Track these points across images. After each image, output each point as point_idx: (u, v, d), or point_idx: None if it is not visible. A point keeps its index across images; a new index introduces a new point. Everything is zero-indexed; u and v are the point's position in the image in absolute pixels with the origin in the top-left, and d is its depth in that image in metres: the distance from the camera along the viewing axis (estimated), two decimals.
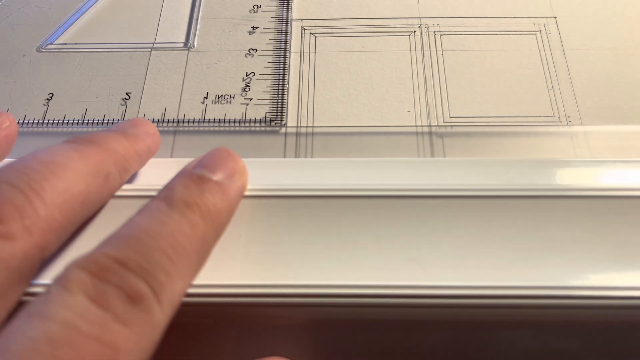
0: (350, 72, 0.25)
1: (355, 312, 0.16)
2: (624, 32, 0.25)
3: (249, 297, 0.15)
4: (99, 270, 0.13)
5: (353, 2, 0.27)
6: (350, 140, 0.23)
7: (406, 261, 0.16)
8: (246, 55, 0.25)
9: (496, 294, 0.15)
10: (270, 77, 0.25)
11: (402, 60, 0.25)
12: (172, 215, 0.15)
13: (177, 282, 0.14)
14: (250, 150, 0.23)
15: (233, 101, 0.24)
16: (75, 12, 0.27)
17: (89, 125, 0.23)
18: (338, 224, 0.17)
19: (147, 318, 0.13)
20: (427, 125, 0.23)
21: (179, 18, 0.27)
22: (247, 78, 0.25)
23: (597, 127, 0.23)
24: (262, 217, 0.17)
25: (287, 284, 0.16)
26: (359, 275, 0.16)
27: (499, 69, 0.25)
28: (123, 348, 0.12)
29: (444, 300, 0.16)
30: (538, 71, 0.24)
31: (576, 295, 0.15)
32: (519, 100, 0.24)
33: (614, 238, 0.17)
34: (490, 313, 0.16)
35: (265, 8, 0.27)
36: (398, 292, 0.16)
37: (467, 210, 0.17)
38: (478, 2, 0.27)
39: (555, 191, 0.18)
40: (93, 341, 0.12)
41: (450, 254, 0.16)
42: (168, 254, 0.14)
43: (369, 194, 0.17)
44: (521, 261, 0.16)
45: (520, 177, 0.18)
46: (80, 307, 0.12)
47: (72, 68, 0.25)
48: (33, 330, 0.12)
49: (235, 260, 0.16)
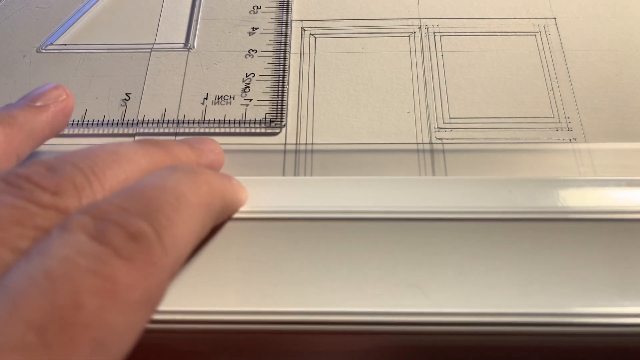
0: (350, 73, 0.25)
1: (355, 341, 0.16)
2: (624, 33, 0.25)
3: (244, 324, 0.15)
4: (100, 213, 0.13)
5: (353, 3, 0.27)
6: (350, 157, 0.23)
7: (408, 287, 0.16)
8: (246, 56, 0.25)
9: (499, 321, 0.15)
10: (270, 77, 0.25)
11: (402, 61, 0.25)
12: (176, 173, 0.15)
13: (181, 227, 0.14)
14: (249, 152, 0.23)
15: (233, 102, 0.24)
16: (75, 13, 0.27)
17: (88, 126, 0.23)
18: (337, 248, 0.16)
19: (148, 255, 0.13)
20: (428, 142, 0.23)
21: (178, 19, 0.27)
22: (247, 79, 0.25)
23: (601, 144, 0.23)
24: (259, 240, 0.17)
25: (283, 311, 0.15)
26: (359, 302, 0.15)
27: (499, 69, 0.25)
28: (123, 283, 0.12)
29: (447, 328, 0.15)
30: (538, 72, 0.24)
31: (581, 323, 0.15)
32: (518, 101, 0.24)
33: (620, 263, 0.16)
34: (492, 340, 0.16)
35: (265, 9, 0.27)
36: (399, 320, 0.15)
37: (470, 233, 0.17)
38: (478, 3, 0.27)
39: (560, 213, 0.17)
40: (91, 275, 0.12)
41: (453, 279, 0.16)
42: (171, 202, 0.14)
43: (368, 216, 0.17)
44: (525, 287, 0.16)
45: (524, 197, 0.18)
46: (79, 244, 0.12)
47: (72, 69, 0.25)
48: (31, 267, 0.12)
49: (231, 285, 0.16)
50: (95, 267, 0.12)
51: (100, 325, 0.11)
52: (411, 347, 0.16)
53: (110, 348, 0.12)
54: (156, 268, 0.13)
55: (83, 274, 0.12)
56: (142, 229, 0.13)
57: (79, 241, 0.12)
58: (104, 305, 0.12)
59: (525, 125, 0.23)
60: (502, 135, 0.23)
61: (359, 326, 0.15)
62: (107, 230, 0.12)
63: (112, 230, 0.13)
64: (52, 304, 0.11)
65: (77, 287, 0.11)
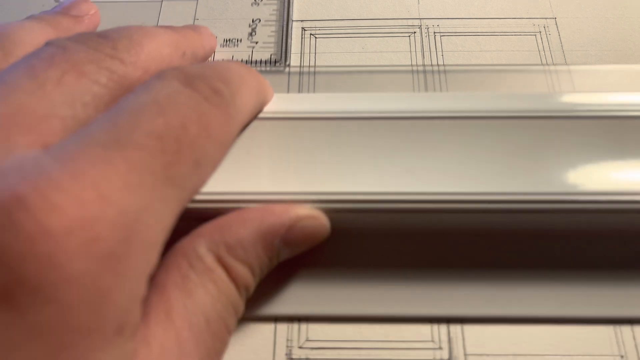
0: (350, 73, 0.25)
1: (353, 219, 0.18)
2: (624, 33, 0.26)
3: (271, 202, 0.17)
4: (187, 72, 0.16)
5: (353, 3, 0.27)
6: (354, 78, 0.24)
7: (402, 172, 0.18)
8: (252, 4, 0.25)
9: (484, 199, 0.17)
10: (276, 23, 0.25)
11: (402, 61, 0.25)
12: (235, 62, 0.18)
13: (244, 97, 0.17)
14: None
15: (240, 44, 0.26)
16: None
17: None
18: (338, 143, 0.19)
19: (227, 109, 0.16)
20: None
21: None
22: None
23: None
24: (267, 138, 0.19)
25: (304, 192, 0.18)
26: (354, 184, 0.18)
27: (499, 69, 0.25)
28: (212, 121, 0.15)
29: (434, 205, 0.18)
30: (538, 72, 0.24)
31: (565, 200, 0.17)
32: None
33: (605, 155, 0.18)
34: (478, 219, 0.18)
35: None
36: (393, 198, 0.18)
37: (461, 130, 0.19)
38: (478, 3, 0.27)
39: (547, 112, 0.19)
40: (190, 109, 0.15)
41: (443, 167, 0.18)
42: (236, 79, 0.17)
43: (367, 115, 0.19)
44: (512, 171, 0.18)
45: (513, 101, 0.20)
46: (175, 87, 0.15)
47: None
48: (142, 98, 0.14)
49: (262, 169, 0.18)
50: (193, 104, 0.15)
51: (199, 148, 0.14)
52: (408, 229, 0.19)
53: (203, 169, 0.15)
54: (233, 120, 0.16)
55: (184, 107, 0.14)
56: (222, 88, 0.16)
57: (175, 85, 0.15)
58: (201, 133, 0.15)
59: None
60: None
61: (355, 204, 0.18)
62: (196, 83, 0.15)
63: (200, 84, 0.15)
64: (166, 122, 0.14)
65: (182, 114, 0.14)
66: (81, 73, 0.15)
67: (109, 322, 0.12)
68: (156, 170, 0.13)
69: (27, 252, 0.11)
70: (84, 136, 0.13)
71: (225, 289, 0.15)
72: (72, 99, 0.14)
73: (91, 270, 0.11)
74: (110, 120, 0.14)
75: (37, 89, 0.14)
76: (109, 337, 0.12)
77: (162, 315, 0.14)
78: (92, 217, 0.12)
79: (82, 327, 0.11)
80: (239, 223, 0.16)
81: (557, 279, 0.19)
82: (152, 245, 0.13)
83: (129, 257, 0.12)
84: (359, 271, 0.19)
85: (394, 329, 0.19)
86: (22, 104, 0.14)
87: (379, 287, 0.19)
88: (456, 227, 0.19)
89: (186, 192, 0.14)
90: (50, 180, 0.12)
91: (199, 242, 0.16)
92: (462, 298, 0.19)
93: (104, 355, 0.12)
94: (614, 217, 0.18)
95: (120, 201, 0.12)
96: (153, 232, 0.13)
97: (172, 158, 0.14)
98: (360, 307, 0.19)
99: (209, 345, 0.15)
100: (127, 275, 0.12)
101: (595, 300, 0.19)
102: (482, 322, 0.19)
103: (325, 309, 0.19)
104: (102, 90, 0.15)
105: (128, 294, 0.12)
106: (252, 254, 0.16)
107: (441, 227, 0.19)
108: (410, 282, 0.19)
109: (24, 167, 0.12)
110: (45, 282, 0.11)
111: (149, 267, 0.13)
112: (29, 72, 0.14)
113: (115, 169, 0.12)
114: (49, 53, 0.15)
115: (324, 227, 0.18)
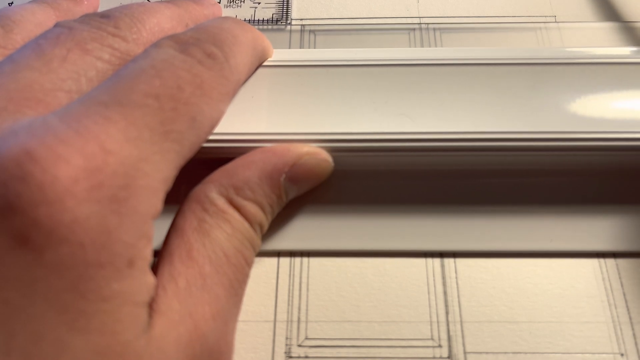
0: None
1: (351, 158, 0.19)
2: None
3: (271, 142, 0.19)
4: (181, 38, 0.17)
5: (353, 2, 0.27)
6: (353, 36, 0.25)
7: (397, 115, 0.19)
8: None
9: (476, 137, 0.19)
10: None
11: None
12: (229, 20, 0.19)
13: (238, 57, 0.18)
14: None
15: (243, 5, 0.27)
16: None
17: None
18: (338, 88, 0.20)
19: (221, 71, 0.16)
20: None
21: None
22: None
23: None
24: (269, 84, 0.20)
25: (296, 132, 0.19)
26: (353, 125, 0.19)
27: None
28: (207, 81, 0.16)
29: (429, 144, 0.19)
30: None
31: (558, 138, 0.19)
32: None
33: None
34: (470, 157, 0.20)
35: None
36: (389, 138, 0.19)
37: (456, 76, 0.20)
38: (477, 1, 0.27)
39: (539, 59, 0.20)
40: (185, 71, 0.16)
41: (437, 110, 0.19)
42: (229, 39, 0.17)
43: (364, 63, 0.21)
44: (504, 112, 0.19)
45: (505, 52, 0.21)
46: (171, 53, 0.16)
47: None
48: (139, 64, 0.15)
49: (261, 113, 0.19)
50: (187, 67, 0.16)
51: (194, 106, 0.15)
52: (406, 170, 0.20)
53: (199, 126, 0.16)
54: (227, 81, 0.17)
55: (179, 69, 0.15)
56: (215, 51, 0.17)
57: (171, 52, 0.16)
58: (195, 92, 0.15)
59: None
60: None
61: (353, 144, 0.19)
62: (190, 48, 0.16)
63: (194, 49, 0.16)
64: (162, 83, 0.15)
65: (177, 76, 0.15)
66: (85, 50, 0.16)
67: (119, 256, 0.13)
68: (154, 126, 0.14)
69: (38, 199, 0.12)
70: (87, 99, 0.14)
71: (239, 227, 0.17)
72: (77, 74, 0.16)
73: (97, 213, 0.13)
74: (111, 84, 0.15)
75: (44, 66, 0.15)
76: (122, 269, 0.13)
77: (184, 255, 0.16)
78: (95, 167, 0.13)
79: (95, 262, 0.13)
80: (244, 166, 0.18)
81: (544, 214, 0.20)
82: (152, 191, 0.14)
83: (130, 201, 0.14)
84: (357, 210, 0.20)
85: (393, 328, 0.19)
86: (30, 80, 0.15)
87: (376, 224, 0.20)
88: (448, 166, 0.20)
89: (184, 146, 0.15)
90: (57, 136, 0.13)
91: (210, 188, 0.17)
92: (454, 234, 0.20)
93: (119, 284, 0.13)
94: (599, 155, 0.19)
95: (120, 153, 0.13)
96: (152, 180, 0.14)
97: (168, 115, 0.15)
98: (358, 243, 0.20)
99: (230, 276, 0.16)
100: (130, 216, 0.14)
101: (580, 235, 0.20)
102: (473, 256, 0.20)
103: (325, 244, 0.20)
104: (105, 66, 0.16)
105: (133, 232, 0.14)
106: (260, 193, 0.18)
107: (435, 166, 0.20)
108: (405, 219, 0.20)
109: (33, 127, 0.13)
110: (58, 224, 0.12)
111: (151, 210, 0.14)
112: (37, 51, 0.16)
113: (116, 125, 0.14)
114: (55, 33, 0.16)
115: (325, 161, 0.19)
